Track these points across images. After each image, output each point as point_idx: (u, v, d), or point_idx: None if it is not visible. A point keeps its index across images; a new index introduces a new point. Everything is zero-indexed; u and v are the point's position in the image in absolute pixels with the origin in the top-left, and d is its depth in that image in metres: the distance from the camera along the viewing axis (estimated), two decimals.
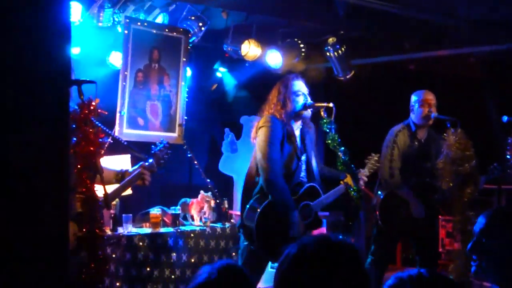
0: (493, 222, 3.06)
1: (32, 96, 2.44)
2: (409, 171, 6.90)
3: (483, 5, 7.59)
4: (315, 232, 6.17)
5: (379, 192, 6.95)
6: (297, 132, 5.94)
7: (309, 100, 5.88)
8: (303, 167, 5.93)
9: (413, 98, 7.05)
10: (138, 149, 5.93)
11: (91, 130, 4.63)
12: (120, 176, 5.41)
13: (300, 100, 5.86)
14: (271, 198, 5.61)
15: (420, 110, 6.92)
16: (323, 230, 8.15)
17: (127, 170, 5.47)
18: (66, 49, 2.66)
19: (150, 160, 5.62)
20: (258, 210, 5.60)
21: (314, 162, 6.01)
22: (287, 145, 5.75)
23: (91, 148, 4.59)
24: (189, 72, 8.57)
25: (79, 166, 4.57)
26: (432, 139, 7.04)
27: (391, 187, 6.85)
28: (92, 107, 4.67)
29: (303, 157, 5.93)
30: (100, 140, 4.69)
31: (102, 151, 4.75)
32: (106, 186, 4.79)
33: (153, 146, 5.73)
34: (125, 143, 5.76)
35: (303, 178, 5.93)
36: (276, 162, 5.60)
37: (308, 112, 5.90)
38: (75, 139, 4.58)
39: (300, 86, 5.94)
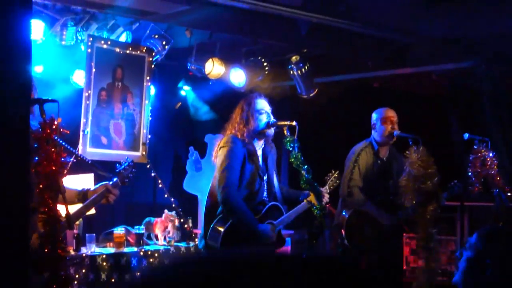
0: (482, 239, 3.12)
1: None
2: (372, 190, 6.95)
3: (443, 24, 7.69)
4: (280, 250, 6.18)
5: (343, 212, 6.97)
6: (259, 152, 5.95)
7: (272, 119, 5.89)
8: (265, 186, 5.94)
9: (374, 116, 7.10)
10: (102, 168, 5.92)
11: (53, 149, 4.60)
12: (81, 195, 5.38)
13: (263, 119, 5.87)
14: (231, 219, 5.61)
15: (382, 127, 6.97)
16: (288, 248, 8.18)
17: (88, 189, 5.44)
18: (27, 68, 2.66)
19: (115, 179, 5.60)
20: (222, 230, 5.59)
21: (275, 182, 6.02)
22: (248, 165, 5.75)
23: (53, 168, 4.57)
24: (153, 90, 8.56)
25: (41, 186, 4.55)
26: (394, 157, 7.10)
27: (351, 206, 6.89)
28: (54, 126, 4.64)
29: (265, 177, 5.94)
30: (63, 159, 4.66)
31: (65, 171, 4.71)
32: (69, 206, 4.77)
33: (117, 165, 5.73)
34: (90, 161, 5.74)
35: (265, 197, 5.93)
36: (234, 183, 5.60)
37: (271, 131, 5.91)
38: (37, 158, 4.56)
39: (263, 104, 5.95)
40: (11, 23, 2.59)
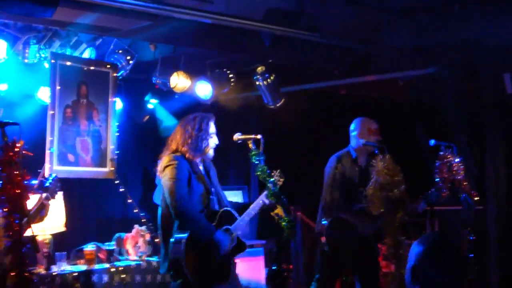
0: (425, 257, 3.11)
1: None
2: (351, 197, 6.97)
3: (406, 34, 7.78)
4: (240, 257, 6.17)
5: (323, 220, 6.98)
6: (200, 167, 5.97)
7: (216, 141, 5.94)
8: (215, 199, 5.96)
9: (352, 126, 7.18)
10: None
11: (16, 172, 4.58)
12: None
13: (214, 141, 5.92)
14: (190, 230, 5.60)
15: (361, 141, 7.04)
16: (261, 258, 8.20)
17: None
18: None
19: (44, 194, 5.56)
20: (183, 242, 5.56)
21: (223, 195, 6.06)
22: (195, 182, 5.75)
23: (17, 191, 4.55)
24: (120, 104, 8.54)
25: (5, 210, 4.52)
26: (371, 165, 7.14)
27: (334, 214, 6.90)
28: (16, 149, 4.62)
29: (213, 189, 5.96)
30: (26, 182, 4.64)
31: (29, 193, 4.69)
32: None
33: (43, 180, 5.64)
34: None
35: (217, 209, 5.93)
36: (184, 196, 5.59)
37: (211, 152, 5.95)
38: (0, 182, 4.53)
39: (213, 127, 5.99)
40: None
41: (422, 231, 9.57)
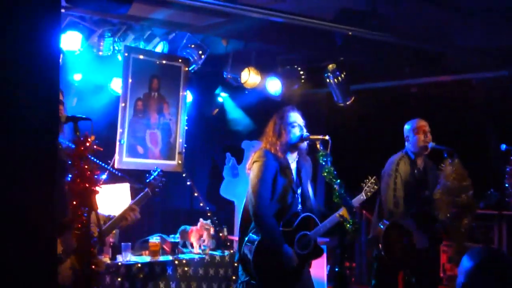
0: (475, 272, 3.00)
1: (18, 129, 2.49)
2: (410, 200, 6.86)
3: (479, 34, 7.64)
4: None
5: (380, 224, 6.90)
6: (293, 165, 5.95)
7: (305, 132, 5.89)
8: (299, 199, 5.94)
9: (407, 127, 7.05)
10: (133, 179, 5.98)
11: (86, 167, 4.66)
12: (106, 220, 5.44)
13: (296, 132, 5.86)
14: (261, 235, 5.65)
15: (416, 137, 6.91)
16: (323, 256, 8.18)
17: (114, 216, 5.49)
18: (54, 81, 2.69)
19: (146, 189, 5.66)
20: (255, 244, 5.64)
21: (311, 194, 6.02)
22: (281, 178, 5.77)
23: (87, 185, 4.63)
24: (190, 97, 8.63)
25: (74, 203, 4.61)
26: (429, 168, 7.04)
27: (396, 217, 6.81)
28: (88, 144, 4.70)
29: (299, 190, 5.95)
30: (96, 176, 4.72)
31: (98, 187, 4.77)
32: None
33: (147, 175, 5.77)
34: (120, 174, 5.81)
35: (299, 210, 5.92)
36: (265, 199, 5.63)
37: (304, 145, 5.91)
38: (70, 175, 4.62)
39: (295, 117, 5.95)
40: (40, 36, 2.63)
41: (490, 235, 9.43)
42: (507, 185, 7.02)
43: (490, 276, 2.94)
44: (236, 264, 5.98)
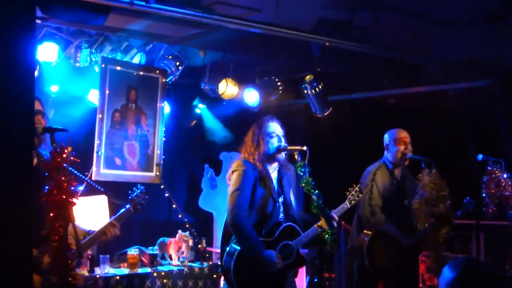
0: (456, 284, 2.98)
1: None
2: (389, 210, 6.88)
3: (456, 46, 7.70)
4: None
5: (362, 235, 6.90)
6: (273, 174, 5.94)
7: (283, 143, 5.89)
8: (281, 209, 5.93)
9: (387, 137, 7.07)
10: (114, 194, 5.95)
11: (63, 178, 4.63)
12: (86, 235, 5.41)
13: (274, 142, 5.86)
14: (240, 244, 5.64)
15: (395, 148, 6.94)
16: (303, 268, 8.17)
17: (94, 232, 5.45)
18: (30, 92, 2.68)
19: (127, 206, 5.65)
20: (235, 255, 5.62)
21: (293, 203, 6.01)
22: (260, 188, 5.75)
23: (64, 197, 4.60)
24: (168, 108, 8.61)
25: (51, 215, 4.58)
26: (407, 177, 7.07)
27: (374, 226, 6.82)
28: (64, 155, 4.67)
29: (281, 199, 5.94)
30: (73, 188, 4.69)
31: (75, 199, 4.74)
32: None
33: (130, 192, 5.76)
34: (102, 189, 5.78)
35: (281, 219, 5.91)
36: (243, 208, 5.62)
37: (282, 155, 5.91)
38: (47, 187, 4.59)
39: (274, 127, 5.94)
40: (16, 47, 2.62)
41: (468, 245, 9.48)
42: (484, 194, 7.07)
43: (471, 287, 2.93)
44: (217, 275, 5.94)
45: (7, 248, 2.59)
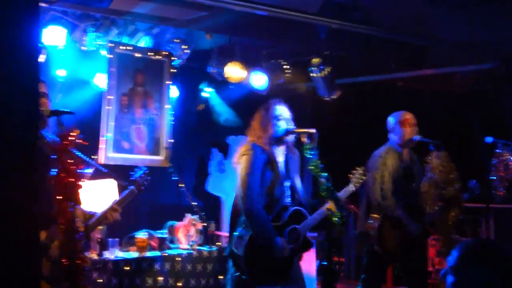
0: (464, 259, 2.96)
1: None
2: (398, 193, 6.83)
3: (463, 28, 7.64)
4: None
5: (370, 220, 6.85)
6: (280, 158, 5.91)
7: (291, 125, 5.85)
8: (288, 192, 5.91)
9: (392, 120, 7.00)
10: (119, 176, 5.95)
11: (70, 161, 4.62)
12: (88, 217, 5.38)
13: (282, 125, 5.81)
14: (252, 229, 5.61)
15: (402, 130, 6.88)
16: (312, 251, 8.16)
17: (95, 213, 5.43)
18: (34, 75, 2.65)
19: (131, 187, 5.63)
20: (246, 239, 5.60)
21: (299, 187, 5.98)
22: (268, 171, 5.72)
23: (71, 179, 4.59)
24: (176, 92, 8.59)
25: (59, 197, 4.57)
26: (414, 160, 7.01)
27: (384, 210, 6.77)
28: (71, 138, 4.65)
29: (287, 183, 5.91)
30: (80, 171, 4.68)
31: (82, 182, 4.73)
32: None
33: (132, 173, 5.74)
34: (105, 170, 5.77)
35: (288, 203, 5.89)
36: (255, 191, 5.59)
37: (290, 138, 5.86)
38: (55, 170, 4.58)
39: (281, 110, 5.90)
40: (19, 30, 2.59)
41: (478, 229, 9.45)
42: (493, 177, 7.02)
43: (476, 261, 2.90)
44: (228, 258, 5.91)
45: (13, 230, 2.57)
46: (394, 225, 6.73)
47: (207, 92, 9.81)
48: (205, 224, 7.87)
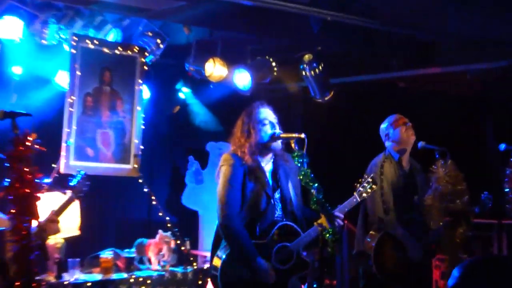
0: (465, 280, 2.97)
1: None
2: (399, 206, 6.81)
3: (475, 23, 7.66)
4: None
5: (368, 238, 6.83)
6: (268, 167, 5.88)
7: (278, 130, 5.83)
8: (279, 205, 5.88)
9: (383, 126, 7.03)
10: (57, 185, 6.00)
11: (26, 169, 4.59)
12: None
13: (267, 130, 5.79)
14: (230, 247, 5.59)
15: (397, 130, 6.89)
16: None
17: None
18: None
19: (69, 195, 5.65)
20: (222, 259, 5.57)
21: (293, 198, 5.92)
22: (250, 183, 5.68)
23: (27, 190, 4.56)
24: (147, 93, 8.58)
25: (13, 211, 4.54)
26: (416, 169, 7.02)
27: (387, 227, 6.74)
28: (28, 143, 4.63)
29: (277, 195, 5.88)
30: (38, 181, 4.66)
31: (41, 193, 4.70)
32: None
33: (70, 178, 5.75)
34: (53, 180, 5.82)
35: (278, 217, 5.85)
36: (233, 207, 5.57)
37: (277, 144, 5.84)
38: (8, 180, 4.55)
39: (266, 113, 5.87)
40: None
41: (488, 248, 9.46)
42: (507, 189, 7.02)
43: (483, 283, 2.91)
44: (202, 282, 5.90)
45: None
46: (393, 243, 6.72)
47: (184, 92, 9.80)
48: (179, 242, 7.86)
